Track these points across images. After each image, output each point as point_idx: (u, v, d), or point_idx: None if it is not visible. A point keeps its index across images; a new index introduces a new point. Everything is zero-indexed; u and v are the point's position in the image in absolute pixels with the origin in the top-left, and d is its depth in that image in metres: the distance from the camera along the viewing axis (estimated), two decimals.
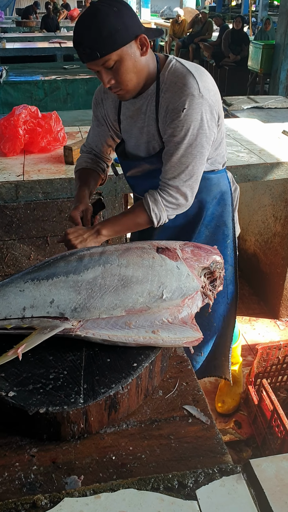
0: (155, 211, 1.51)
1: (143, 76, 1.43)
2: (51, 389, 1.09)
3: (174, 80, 1.42)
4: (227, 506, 0.76)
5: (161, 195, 1.50)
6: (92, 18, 1.29)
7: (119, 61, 1.34)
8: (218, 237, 1.78)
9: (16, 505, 0.81)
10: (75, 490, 0.83)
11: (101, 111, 1.68)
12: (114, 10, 1.29)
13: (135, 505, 0.77)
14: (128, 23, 1.31)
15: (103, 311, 1.17)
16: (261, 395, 2.03)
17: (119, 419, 1.14)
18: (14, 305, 1.22)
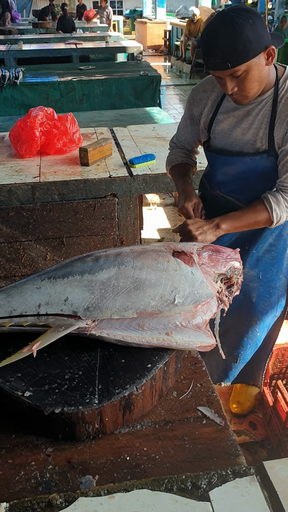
0: (277, 211, 1.53)
1: (264, 84, 1.48)
2: (67, 389, 1.11)
3: None
4: (240, 507, 0.77)
5: (283, 196, 1.53)
6: (227, 30, 1.31)
7: (246, 71, 1.39)
8: (279, 246, 1.79)
9: (32, 504, 0.83)
10: (90, 490, 0.84)
11: (197, 110, 1.71)
12: (249, 23, 1.31)
13: (149, 505, 0.78)
14: (260, 35, 1.34)
15: (115, 312, 1.18)
16: (276, 397, 2.02)
17: (133, 419, 1.14)
18: (30, 301, 1.24)
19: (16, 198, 2.34)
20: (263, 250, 1.79)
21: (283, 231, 1.78)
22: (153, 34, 16.28)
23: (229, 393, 2.35)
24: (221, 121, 1.64)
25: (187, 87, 10.70)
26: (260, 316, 1.88)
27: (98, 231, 2.43)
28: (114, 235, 2.46)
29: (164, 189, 2.48)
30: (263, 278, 1.83)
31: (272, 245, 1.79)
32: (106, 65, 7.48)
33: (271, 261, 1.80)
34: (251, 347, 1.94)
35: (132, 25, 19.40)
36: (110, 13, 13.27)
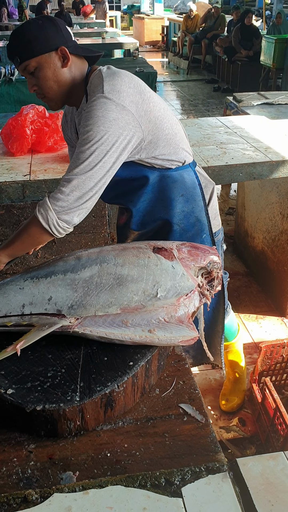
0: (41, 211, 1.39)
1: (65, 86, 1.49)
2: (49, 386, 1.12)
3: (100, 79, 1.45)
4: (212, 503, 0.78)
5: (50, 196, 1.41)
6: (18, 28, 1.45)
7: (38, 68, 1.44)
8: (193, 233, 1.75)
9: (8, 499, 0.84)
10: (65, 486, 0.86)
11: (67, 133, 1.77)
12: (38, 23, 1.42)
13: (122, 501, 0.79)
14: (49, 35, 1.42)
15: (99, 309, 1.20)
16: (265, 393, 2.04)
17: (115, 416, 1.16)
18: (14, 302, 1.26)
19: (6, 196, 2.34)
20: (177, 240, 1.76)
21: (193, 221, 1.73)
22: (150, 30, 16.22)
23: (219, 389, 2.37)
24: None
25: (184, 83, 10.68)
26: None
27: (89, 229, 2.44)
28: (105, 233, 2.46)
29: None
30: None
31: (185, 235, 1.73)
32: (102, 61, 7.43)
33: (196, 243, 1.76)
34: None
35: (130, 21, 19.32)
36: (107, 8, 13.22)
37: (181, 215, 1.69)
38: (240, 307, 3.12)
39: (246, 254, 3.61)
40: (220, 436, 2.15)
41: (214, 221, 1.80)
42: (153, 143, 1.52)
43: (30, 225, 1.43)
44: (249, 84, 8.84)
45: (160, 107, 1.52)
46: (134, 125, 1.42)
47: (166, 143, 1.55)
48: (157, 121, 1.50)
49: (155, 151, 1.54)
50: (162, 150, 1.56)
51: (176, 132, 1.59)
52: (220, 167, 2.49)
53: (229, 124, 3.24)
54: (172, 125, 1.57)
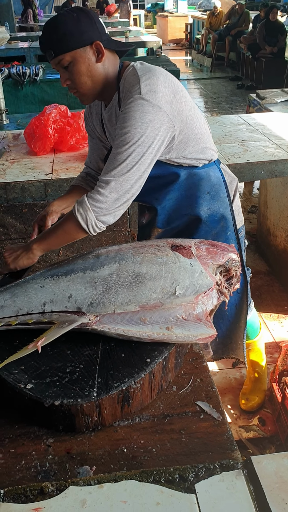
0: (80, 211, 1.40)
1: (99, 81, 1.48)
2: (67, 382, 1.14)
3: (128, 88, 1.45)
4: (225, 500, 0.78)
5: (89, 196, 1.42)
6: (52, 20, 1.42)
7: (72, 63, 1.42)
8: (218, 231, 1.75)
9: (25, 491, 0.86)
10: (80, 479, 0.87)
11: (89, 125, 1.74)
12: (73, 16, 1.40)
13: (136, 495, 0.80)
14: (84, 29, 1.40)
15: (118, 306, 1.21)
16: (285, 393, 2.02)
17: (132, 413, 1.17)
18: (35, 300, 1.28)
19: (29, 195, 2.38)
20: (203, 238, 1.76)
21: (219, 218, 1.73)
22: (174, 28, 16.17)
23: (239, 388, 2.36)
24: (106, 131, 1.65)
25: (207, 81, 10.62)
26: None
27: (109, 227, 2.43)
28: (125, 231, 2.48)
29: None
30: None
31: (210, 233, 1.73)
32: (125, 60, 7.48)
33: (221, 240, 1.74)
34: (224, 324, 1.94)
35: (153, 19, 19.29)
36: (130, 7, 13.23)
37: (207, 212, 1.69)
38: (261, 306, 3.09)
39: (268, 253, 3.58)
40: (239, 436, 2.14)
41: (238, 217, 1.80)
42: (183, 142, 1.53)
43: (67, 223, 1.45)
44: (273, 81, 8.72)
45: (191, 106, 1.53)
46: (168, 125, 1.43)
47: (195, 142, 1.56)
48: (188, 120, 1.51)
49: (185, 151, 1.55)
50: (191, 149, 1.56)
51: (204, 131, 1.60)
52: (241, 165, 2.48)
53: (251, 122, 3.22)
54: (201, 124, 1.58)
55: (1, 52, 7.76)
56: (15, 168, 2.56)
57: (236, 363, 2.60)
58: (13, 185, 2.37)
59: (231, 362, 2.61)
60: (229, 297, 1.34)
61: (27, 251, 1.50)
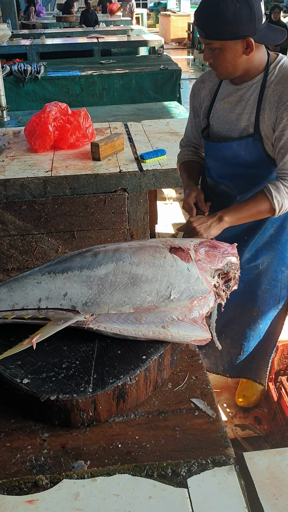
0: (278, 198, 1.52)
1: (240, 71, 1.54)
2: (63, 377, 1.15)
3: (285, 73, 1.52)
4: (216, 495, 0.80)
5: (283, 184, 1.53)
6: (214, 3, 1.41)
7: (220, 49, 1.47)
8: (281, 238, 1.79)
9: (20, 483, 0.87)
10: (74, 473, 0.88)
11: (197, 101, 1.78)
12: (236, 6, 1.39)
13: (128, 489, 0.81)
14: (242, 22, 1.41)
15: (112, 307, 1.21)
16: (281, 393, 2.03)
17: (127, 409, 1.18)
18: (31, 296, 1.29)
19: (28, 192, 2.39)
20: (263, 241, 1.79)
21: (285, 223, 1.78)
22: (176, 27, 16.17)
23: (235, 387, 2.37)
24: (218, 108, 1.70)
25: None
26: (261, 308, 1.89)
27: (108, 225, 2.47)
28: (124, 229, 2.50)
29: (173, 184, 2.50)
30: (265, 270, 1.84)
31: (273, 236, 1.79)
32: (126, 59, 7.49)
33: (273, 253, 1.81)
34: (254, 339, 1.95)
35: (156, 18, 19.30)
36: (133, 6, 13.23)
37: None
38: None
39: None
40: (235, 434, 2.15)
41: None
42: None
43: (262, 203, 1.54)
44: None
45: None
46: None
47: None
48: None
49: None
50: None
51: None
52: None
53: None
54: None
55: (3, 49, 7.76)
56: (14, 165, 2.56)
57: None
58: (12, 181, 2.38)
59: None
60: (225, 299, 1.34)
61: (218, 221, 1.53)
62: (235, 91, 1.63)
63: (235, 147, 1.64)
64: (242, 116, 1.62)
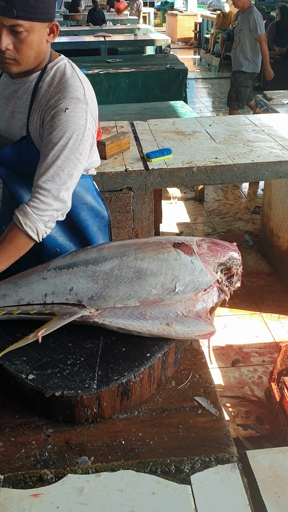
0: (28, 224, 1.36)
1: (39, 59, 1.42)
2: (68, 374, 1.16)
3: (61, 77, 1.41)
4: (219, 492, 0.80)
5: (31, 206, 1.37)
6: None
7: (28, 32, 1.32)
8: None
9: (25, 477, 0.88)
10: (79, 468, 0.89)
11: None
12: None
13: (132, 485, 0.82)
14: (52, 5, 1.35)
15: (118, 301, 1.23)
16: (283, 393, 2.04)
17: (131, 406, 1.19)
18: (37, 291, 1.31)
19: None
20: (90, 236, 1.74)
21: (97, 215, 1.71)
22: (183, 27, 16.15)
23: (238, 387, 2.37)
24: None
25: (215, 81, 10.61)
26: None
27: (113, 224, 2.48)
28: (129, 228, 2.50)
29: (179, 183, 2.50)
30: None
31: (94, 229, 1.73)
32: (133, 58, 7.50)
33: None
34: None
35: (163, 17, 19.27)
36: (141, 5, 13.23)
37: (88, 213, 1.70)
38: (262, 306, 3.11)
39: (271, 253, 3.59)
40: (237, 434, 2.16)
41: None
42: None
43: (16, 238, 1.39)
44: (282, 82, 8.65)
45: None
46: (93, 134, 1.47)
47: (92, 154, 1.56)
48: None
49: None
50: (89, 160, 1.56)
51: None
52: (245, 165, 2.49)
53: (257, 122, 3.22)
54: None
55: None
56: None
57: (235, 362, 2.62)
58: None
59: (231, 361, 2.63)
60: (229, 295, 1.35)
61: None
62: (12, 84, 1.49)
63: (10, 152, 1.50)
64: (15, 114, 1.49)
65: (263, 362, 2.64)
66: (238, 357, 2.66)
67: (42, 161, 1.38)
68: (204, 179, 2.50)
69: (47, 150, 1.38)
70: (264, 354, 2.69)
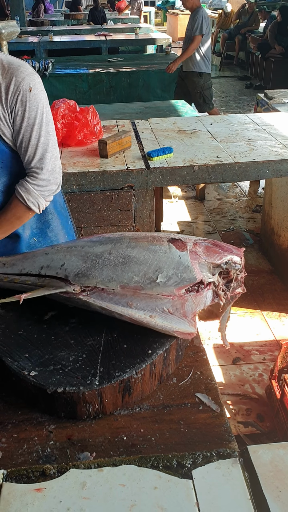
0: (31, 200, 1.49)
1: None
2: (70, 370, 1.17)
3: (8, 61, 1.40)
4: (221, 486, 0.81)
5: (31, 183, 1.48)
6: None
7: None
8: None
9: (27, 472, 0.89)
10: (81, 463, 0.90)
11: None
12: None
13: (134, 479, 0.83)
14: None
15: (100, 282, 1.26)
16: (284, 390, 2.05)
17: (133, 402, 1.19)
18: (37, 263, 1.39)
19: None
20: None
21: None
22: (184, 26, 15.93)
23: (239, 385, 2.38)
24: None
25: (216, 80, 10.59)
26: None
27: (115, 222, 2.49)
28: (130, 226, 2.51)
29: (180, 182, 2.51)
30: None
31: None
32: (134, 57, 7.51)
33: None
34: None
35: (164, 17, 19.26)
36: (142, 4, 13.23)
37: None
38: (263, 304, 3.12)
39: (272, 252, 3.59)
40: (238, 431, 2.16)
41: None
42: None
43: (19, 211, 1.52)
44: (282, 81, 8.70)
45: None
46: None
47: None
48: None
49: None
50: None
51: None
52: (246, 164, 2.50)
53: (258, 121, 3.23)
54: None
55: (11, 46, 7.76)
56: None
57: (236, 360, 2.63)
58: None
59: (232, 359, 2.64)
60: (224, 300, 1.33)
61: None
62: None
63: None
64: None
65: (263, 360, 2.64)
66: (239, 355, 2.67)
67: (27, 144, 1.44)
68: (205, 178, 2.51)
69: (28, 133, 1.43)
70: (264, 352, 2.70)
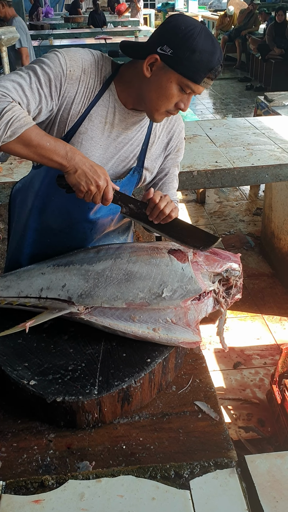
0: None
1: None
2: (69, 379, 1.17)
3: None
4: (218, 497, 0.81)
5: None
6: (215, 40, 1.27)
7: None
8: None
9: (26, 483, 0.89)
10: (79, 473, 0.90)
11: (68, 88, 1.27)
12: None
13: (132, 490, 0.83)
14: None
15: (105, 301, 1.25)
16: (284, 395, 2.05)
17: (132, 411, 1.20)
18: (35, 285, 1.36)
19: None
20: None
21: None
22: None
23: (239, 389, 2.38)
24: (93, 121, 1.31)
25: (216, 82, 10.59)
26: None
27: None
28: None
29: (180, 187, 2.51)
30: None
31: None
32: None
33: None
34: None
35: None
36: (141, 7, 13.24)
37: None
38: (264, 308, 3.12)
39: (272, 255, 3.59)
40: (238, 436, 2.17)
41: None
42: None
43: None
44: (283, 83, 8.70)
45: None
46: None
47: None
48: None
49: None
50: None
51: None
52: (245, 169, 2.50)
53: (257, 125, 3.23)
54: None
55: None
56: (23, 168, 2.59)
57: (237, 364, 2.63)
58: None
59: (232, 363, 2.64)
60: (225, 307, 1.34)
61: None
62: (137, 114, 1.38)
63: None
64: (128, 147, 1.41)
65: (264, 365, 2.64)
66: (239, 360, 2.67)
67: None
68: (205, 183, 2.51)
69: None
70: (265, 356, 2.70)
